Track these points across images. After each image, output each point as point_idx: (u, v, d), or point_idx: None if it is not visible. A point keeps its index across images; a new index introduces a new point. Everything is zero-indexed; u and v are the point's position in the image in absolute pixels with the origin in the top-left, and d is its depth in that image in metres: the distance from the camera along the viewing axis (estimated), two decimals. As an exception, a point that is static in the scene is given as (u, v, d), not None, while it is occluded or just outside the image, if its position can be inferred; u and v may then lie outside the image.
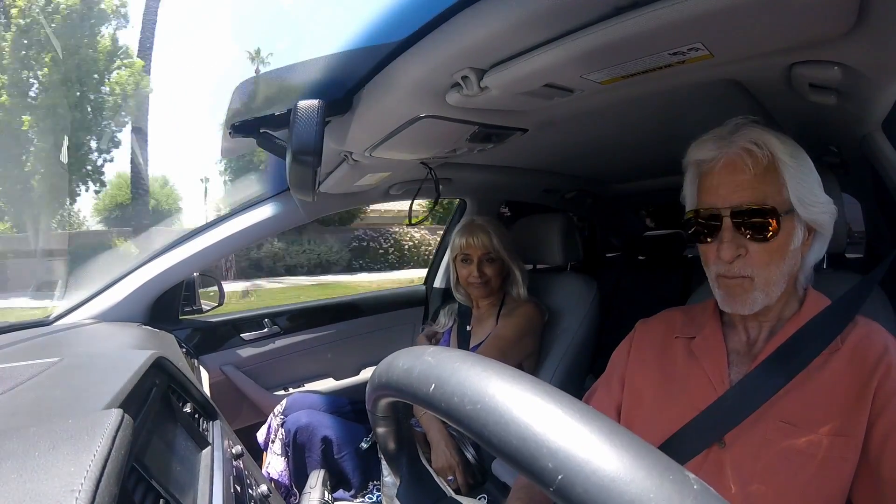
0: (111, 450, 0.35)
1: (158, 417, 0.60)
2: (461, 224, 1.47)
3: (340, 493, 1.27)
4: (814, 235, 0.68)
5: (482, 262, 1.38)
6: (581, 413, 0.24)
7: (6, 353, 0.85)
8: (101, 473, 0.32)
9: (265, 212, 1.37)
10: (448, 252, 1.61)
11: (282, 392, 1.63)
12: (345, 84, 0.79)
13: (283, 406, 1.42)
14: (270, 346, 1.60)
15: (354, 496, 1.26)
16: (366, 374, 1.84)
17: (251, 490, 0.69)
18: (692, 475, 0.21)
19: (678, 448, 0.64)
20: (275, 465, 1.33)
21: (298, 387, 1.69)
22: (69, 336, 1.08)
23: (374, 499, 1.24)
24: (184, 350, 1.22)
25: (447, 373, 0.29)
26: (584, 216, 2.24)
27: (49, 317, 1.21)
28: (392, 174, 1.26)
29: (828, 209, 0.66)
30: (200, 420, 0.75)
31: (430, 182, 1.26)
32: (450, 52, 0.62)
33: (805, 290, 0.71)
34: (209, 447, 0.67)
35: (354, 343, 1.79)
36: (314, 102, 0.70)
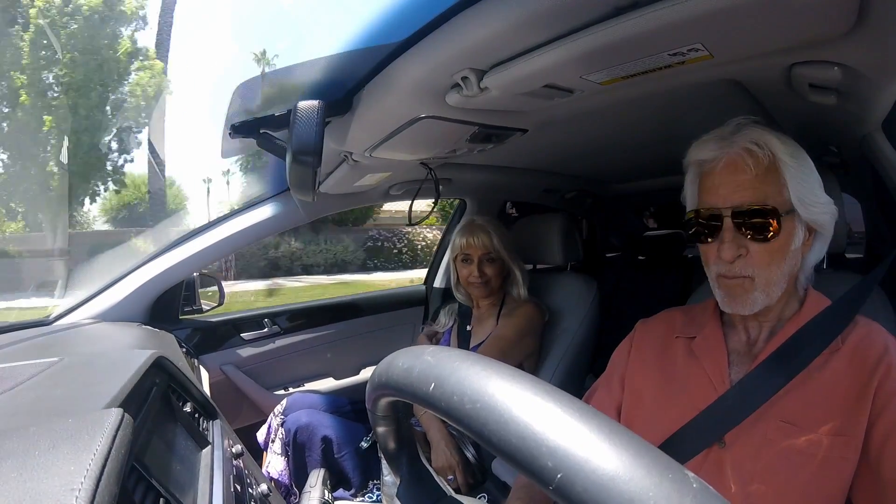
0: (111, 449, 0.35)
1: (158, 417, 0.60)
2: (461, 224, 1.47)
3: (340, 493, 1.27)
4: (814, 236, 0.68)
5: (482, 262, 1.38)
6: (580, 412, 0.24)
7: (6, 353, 0.85)
8: (101, 472, 0.32)
9: (265, 212, 1.37)
10: (448, 252, 1.61)
11: (282, 392, 1.63)
12: (345, 84, 0.79)
13: (284, 406, 1.42)
14: (270, 346, 1.60)
15: (354, 495, 1.26)
16: (366, 374, 1.84)
17: (251, 489, 0.69)
18: (692, 474, 0.21)
19: (678, 448, 0.64)
20: (275, 465, 1.33)
21: (298, 386, 1.69)
22: (69, 336, 1.08)
23: (374, 498, 1.24)
24: (184, 350, 1.22)
25: (447, 372, 0.29)
26: (585, 216, 2.24)
27: (49, 316, 1.21)
28: (392, 174, 1.27)
29: (828, 210, 0.66)
30: (200, 419, 0.75)
31: (430, 182, 1.26)
32: (450, 53, 0.62)
33: (805, 291, 0.71)
34: (209, 447, 0.67)
35: (354, 343, 1.79)
36: (314, 103, 0.71)
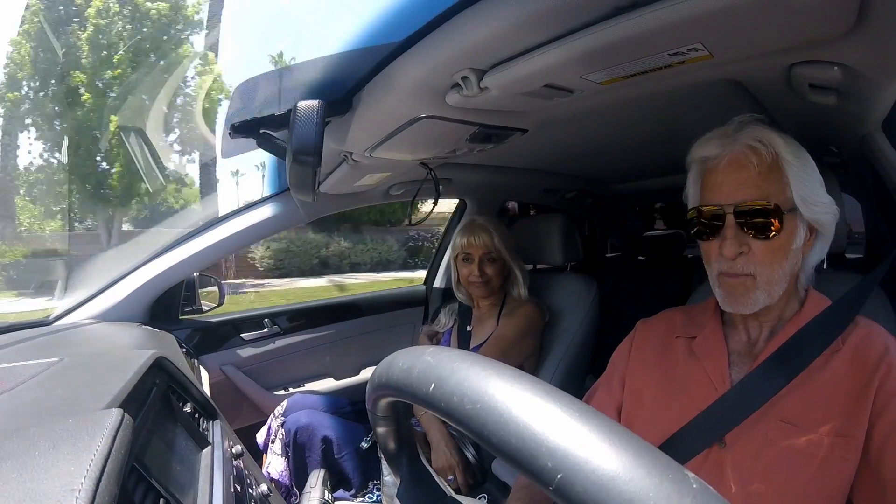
0: (111, 449, 0.35)
1: (158, 417, 0.60)
2: (462, 223, 1.47)
3: (340, 493, 1.27)
4: (815, 236, 0.68)
5: (483, 262, 1.38)
6: (580, 412, 0.24)
7: (6, 353, 0.85)
8: (102, 473, 0.32)
9: (265, 212, 1.37)
10: (449, 251, 1.61)
11: (282, 392, 1.63)
12: (345, 84, 0.79)
13: (284, 407, 1.42)
14: (270, 346, 1.60)
15: (355, 496, 1.26)
16: (366, 374, 1.84)
17: (251, 490, 0.69)
18: (691, 474, 0.21)
19: (678, 448, 0.64)
20: (275, 465, 1.33)
21: (298, 387, 1.69)
22: (69, 336, 1.08)
23: (375, 498, 1.24)
24: (184, 350, 1.22)
25: (447, 372, 0.29)
26: (585, 216, 2.24)
27: (49, 317, 1.21)
28: (392, 174, 1.27)
29: (830, 210, 0.66)
30: (200, 420, 0.75)
31: (430, 182, 1.26)
32: (450, 53, 0.62)
33: (806, 291, 0.71)
34: (209, 447, 0.67)
35: (354, 343, 1.79)
36: (314, 103, 0.71)
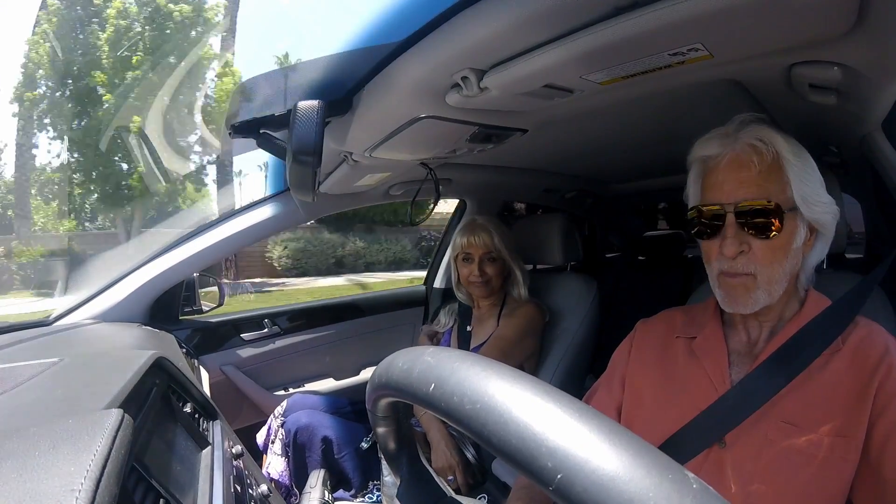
0: (111, 450, 0.35)
1: (158, 417, 0.60)
2: (463, 223, 1.47)
3: (341, 493, 1.27)
4: (816, 236, 0.68)
5: (483, 262, 1.38)
6: (580, 412, 0.24)
7: (6, 353, 0.85)
8: (102, 473, 0.32)
9: (265, 212, 1.37)
10: (449, 251, 1.61)
11: (282, 392, 1.63)
12: (345, 84, 0.78)
13: (284, 407, 1.42)
14: (270, 347, 1.60)
15: (354, 496, 1.26)
16: (366, 375, 1.84)
17: (251, 490, 0.69)
18: (691, 474, 0.21)
19: (679, 448, 0.64)
20: (275, 465, 1.33)
21: (298, 387, 1.69)
22: (69, 336, 1.08)
23: (375, 498, 1.24)
24: (184, 350, 1.22)
25: (447, 372, 0.29)
26: (585, 216, 2.24)
27: (49, 317, 1.21)
28: (392, 175, 1.27)
29: (830, 210, 0.66)
30: (200, 420, 0.75)
31: (430, 182, 1.26)
32: (450, 53, 0.62)
33: (806, 291, 0.71)
34: (209, 447, 0.67)
35: (354, 343, 1.79)
36: (314, 103, 0.71)
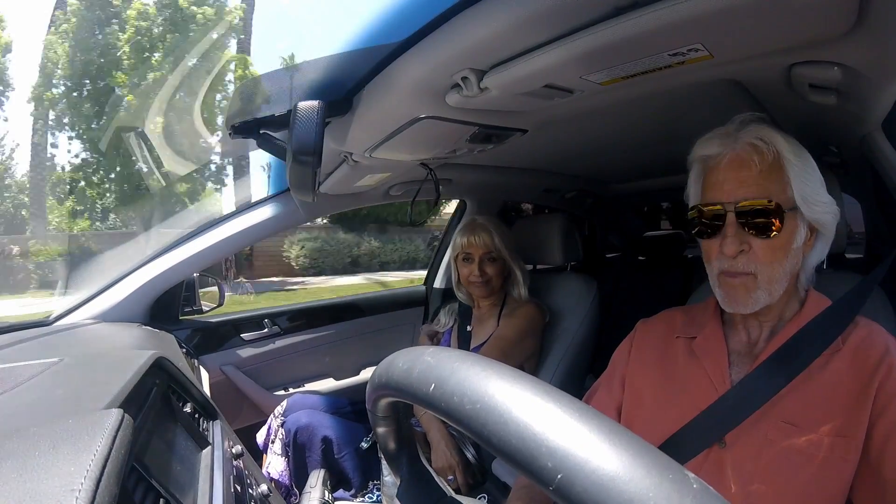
0: (111, 450, 0.35)
1: (158, 417, 0.60)
2: (463, 223, 1.47)
3: (340, 493, 1.27)
4: (816, 236, 0.68)
5: (483, 262, 1.38)
6: (580, 412, 0.24)
7: (6, 353, 0.85)
8: (102, 473, 0.32)
9: (265, 212, 1.37)
10: (449, 251, 1.61)
11: (282, 392, 1.63)
12: (345, 84, 0.79)
13: (284, 407, 1.42)
14: (270, 347, 1.60)
15: (354, 496, 1.26)
16: (366, 375, 1.84)
17: (251, 490, 0.69)
18: (692, 474, 0.21)
19: (679, 448, 0.64)
20: (275, 465, 1.33)
21: (298, 387, 1.69)
22: (69, 336, 1.08)
23: (375, 498, 1.24)
24: (184, 350, 1.22)
25: (447, 373, 0.29)
26: (585, 216, 2.24)
27: (49, 317, 1.21)
28: (392, 175, 1.27)
29: (830, 210, 0.66)
30: (200, 420, 0.75)
31: (431, 182, 1.26)
32: (450, 53, 0.62)
33: (806, 291, 0.71)
34: (209, 447, 0.67)
35: (354, 343, 1.79)
36: (314, 103, 0.71)
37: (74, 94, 11.61)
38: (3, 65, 12.99)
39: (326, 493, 0.61)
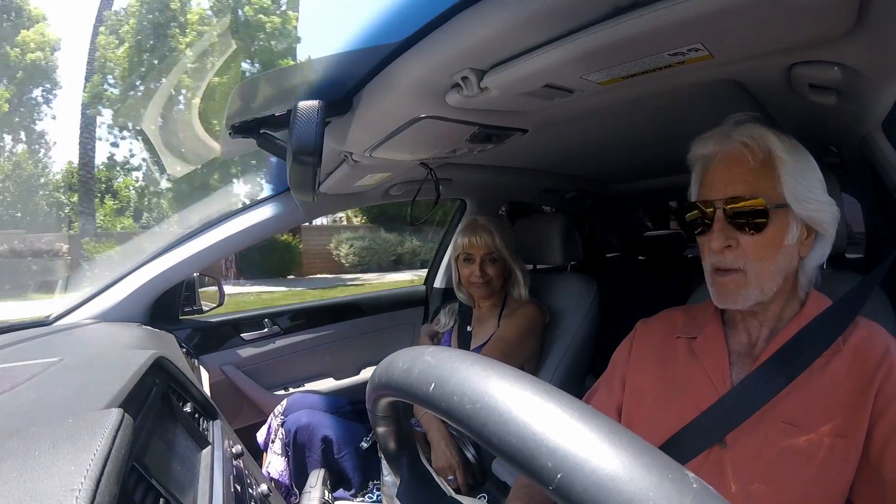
0: (111, 449, 0.35)
1: (158, 417, 0.60)
2: (464, 223, 1.47)
3: (340, 493, 1.27)
4: (815, 237, 0.67)
5: (484, 262, 1.38)
6: (580, 412, 0.24)
7: (6, 353, 0.85)
8: (101, 473, 0.32)
9: (265, 212, 1.37)
10: (450, 251, 1.61)
11: (282, 392, 1.63)
12: (345, 84, 0.78)
13: (284, 406, 1.42)
14: (271, 346, 1.60)
15: (354, 496, 1.26)
16: (366, 374, 1.84)
17: (251, 490, 0.69)
18: (691, 474, 0.21)
19: (679, 448, 0.64)
20: (275, 465, 1.33)
21: (298, 387, 1.69)
22: (69, 336, 1.08)
23: (375, 498, 1.24)
24: (184, 350, 1.22)
25: (447, 372, 0.29)
26: (585, 216, 2.24)
27: (49, 317, 1.21)
28: (392, 175, 1.27)
29: (827, 209, 0.66)
30: (200, 420, 0.75)
31: (431, 182, 1.26)
32: (450, 53, 0.62)
33: (807, 293, 0.71)
34: (209, 447, 0.67)
35: (354, 343, 1.79)
36: (314, 103, 0.71)
37: (130, 94, 11.69)
38: (54, 63, 12.99)
39: (326, 493, 0.61)
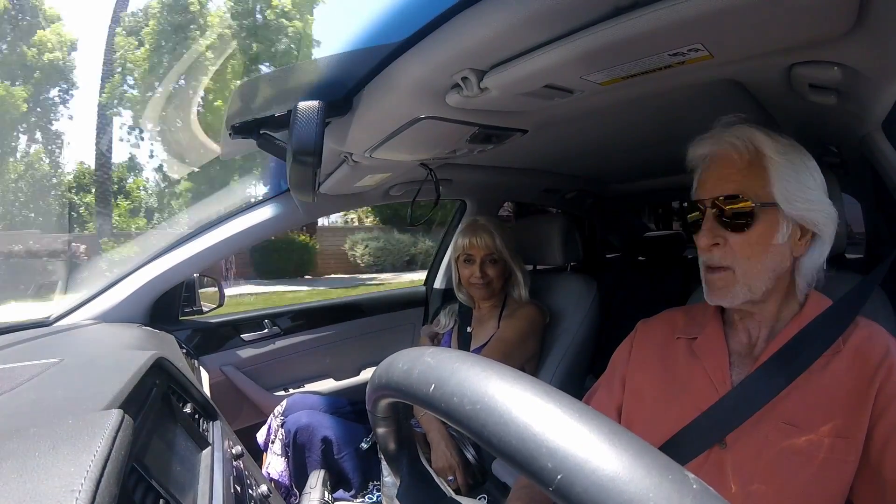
0: (111, 450, 0.35)
1: (158, 418, 0.60)
2: (464, 224, 1.47)
3: (340, 493, 1.27)
4: (812, 238, 0.67)
5: (484, 263, 1.37)
6: (580, 413, 0.24)
7: (6, 353, 0.85)
8: (101, 474, 0.32)
9: (265, 212, 1.37)
10: (450, 252, 1.61)
11: (282, 392, 1.63)
12: (345, 85, 0.78)
13: (284, 407, 1.42)
14: (271, 347, 1.60)
15: (354, 496, 1.26)
16: (366, 375, 1.84)
17: (251, 490, 0.69)
18: (691, 475, 0.21)
19: (679, 448, 0.64)
20: (275, 466, 1.33)
21: (298, 387, 1.69)
22: (69, 336, 1.08)
23: (374, 499, 1.24)
24: (184, 350, 1.22)
25: (447, 373, 0.29)
26: (585, 216, 2.24)
27: (49, 317, 1.21)
28: (392, 175, 1.27)
29: (821, 209, 0.65)
30: (200, 420, 0.75)
31: (431, 183, 1.26)
32: (450, 53, 0.62)
33: (806, 294, 0.70)
34: (209, 447, 0.67)
35: (354, 344, 1.79)
36: (314, 103, 0.71)
37: (148, 95, 11.69)
38: (71, 63, 12.92)
39: (326, 494, 0.61)
